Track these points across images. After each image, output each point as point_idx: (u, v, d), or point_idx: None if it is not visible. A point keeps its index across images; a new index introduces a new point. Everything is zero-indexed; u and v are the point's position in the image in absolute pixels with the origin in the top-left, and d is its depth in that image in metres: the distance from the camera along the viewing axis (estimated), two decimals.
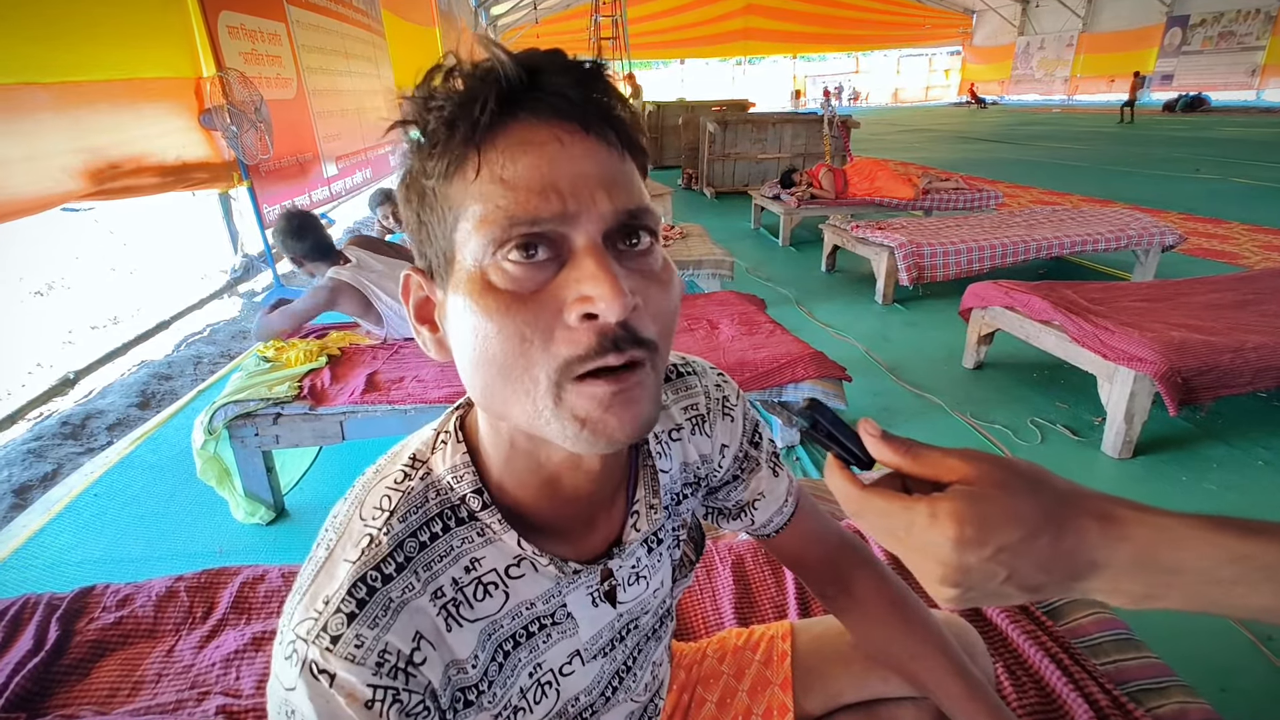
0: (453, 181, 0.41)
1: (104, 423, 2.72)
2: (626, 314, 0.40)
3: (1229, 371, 2.06)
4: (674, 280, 0.45)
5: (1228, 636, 1.47)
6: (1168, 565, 0.37)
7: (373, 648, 0.44)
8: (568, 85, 0.40)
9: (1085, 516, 0.39)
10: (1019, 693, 0.97)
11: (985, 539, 0.38)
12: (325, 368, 2.20)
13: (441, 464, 0.51)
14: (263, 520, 2.02)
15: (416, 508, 0.49)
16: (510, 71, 0.39)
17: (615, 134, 0.42)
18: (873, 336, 3.33)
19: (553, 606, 0.54)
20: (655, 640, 0.66)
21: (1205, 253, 4.63)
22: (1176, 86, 20.75)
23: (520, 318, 0.40)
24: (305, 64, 5.08)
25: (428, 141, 0.42)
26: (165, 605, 1.20)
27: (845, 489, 0.44)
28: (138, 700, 1.03)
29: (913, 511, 0.40)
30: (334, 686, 0.43)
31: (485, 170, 0.40)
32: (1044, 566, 0.39)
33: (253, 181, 4.13)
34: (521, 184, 0.39)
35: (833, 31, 29.16)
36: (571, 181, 0.40)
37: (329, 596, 0.45)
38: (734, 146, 7.39)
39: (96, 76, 3.27)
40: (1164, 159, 9.43)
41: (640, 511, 0.58)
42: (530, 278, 0.40)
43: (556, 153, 0.40)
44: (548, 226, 0.40)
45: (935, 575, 0.40)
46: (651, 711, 0.71)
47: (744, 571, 1.25)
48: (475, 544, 0.50)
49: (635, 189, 0.43)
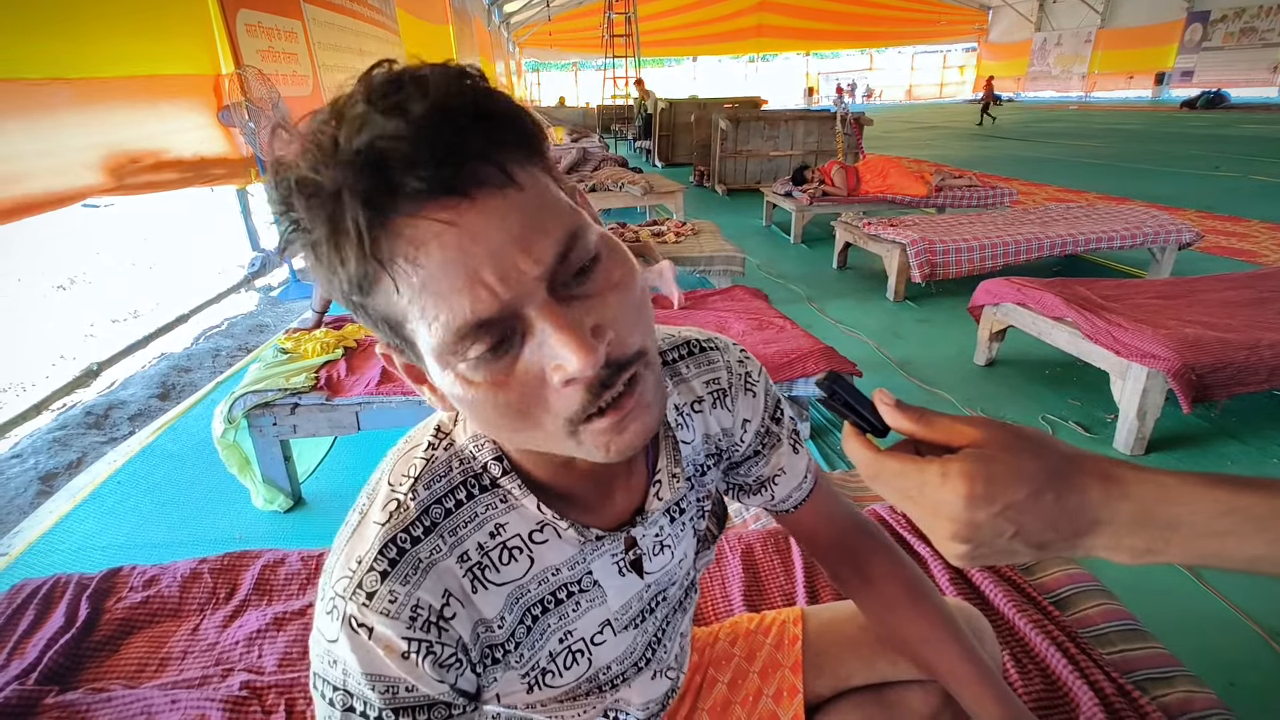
0: (374, 295, 0.40)
1: (126, 413, 2.78)
2: (601, 363, 0.39)
3: (1244, 369, 2.04)
4: (630, 273, 0.44)
5: (1237, 631, 1.47)
6: (1166, 520, 0.39)
7: (405, 603, 0.47)
8: (422, 175, 0.35)
9: (1088, 476, 0.41)
10: (1025, 681, 0.98)
11: (994, 496, 0.40)
12: (341, 359, 2.24)
13: (463, 434, 0.54)
14: (281, 508, 2.05)
15: (440, 476, 0.52)
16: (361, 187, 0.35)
17: (496, 168, 0.38)
18: (884, 333, 3.33)
19: (578, 574, 0.56)
20: (682, 612, 0.68)
21: (1223, 250, 4.58)
22: (1197, 83, 20.45)
23: (510, 397, 0.41)
24: (321, 61, 5.14)
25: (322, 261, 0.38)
26: (190, 586, 1.24)
27: (861, 453, 0.46)
28: (164, 675, 1.07)
29: (925, 471, 0.42)
30: (372, 639, 0.46)
31: (400, 283, 0.38)
32: (1049, 523, 0.41)
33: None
34: (444, 288, 0.37)
35: (846, 28, 28.97)
36: (490, 263, 0.37)
37: (362, 556, 0.48)
38: (746, 144, 7.37)
39: (118, 73, 3.33)
40: (1182, 156, 9.31)
41: (663, 480, 0.59)
42: (500, 366, 0.40)
43: (456, 238, 0.37)
44: (492, 321, 0.38)
45: (946, 532, 0.42)
46: (678, 685, 0.73)
47: (753, 560, 1.27)
48: (499, 510, 0.53)
49: (553, 219, 0.39)
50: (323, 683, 0.49)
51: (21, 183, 2.75)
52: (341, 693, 0.48)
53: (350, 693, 0.48)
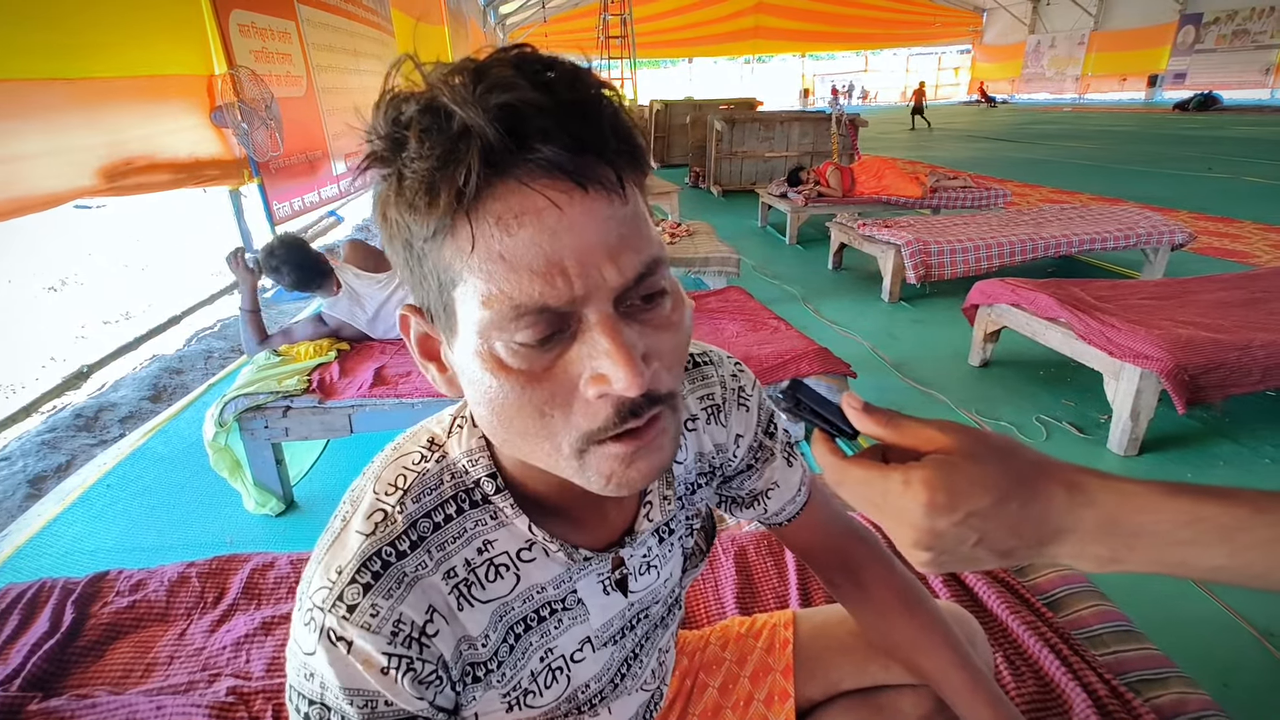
0: (443, 246, 0.39)
1: (116, 415, 2.76)
2: (644, 389, 0.38)
3: (1236, 369, 2.05)
4: (684, 315, 0.44)
5: (1231, 632, 1.47)
6: (1129, 529, 0.39)
7: (388, 617, 0.46)
8: (559, 144, 0.36)
9: (1053, 483, 0.41)
10: (1018, 682, 0.98)
11: (955, 504, 0.40)
12: (334, 362, 2.23)
13: (457, 447, 0.52)
14: (273, 511, 2.04)
15: (431, 489, 0.50)
16: (492, 137, 0.35)
17: (614, 172, 0.38)
18: (879, 334, 3.33)
19: (563, 592, 0.55)
20: (663, 628, 0.67)
21: (1216, 251, 4.59)
22: (1190, 85, 20.55)
23: (538, 394, 0.40)
24: (315, 62, 5.11)
25: (406, 197, 0.38)
26: (177, 590, 1.23)
27: (827, 460, 0.46)
28: (150, 681, 1.05)
29: (888, 479, 0.42)
30: (351, 653, 0.45)
31: (480, 243, 0.37)
32: (1013, 531, 0.40)
33: (263, 178, 4.17)
34: (522, 263, 0.37)
35: (842, 30, 29.04)
36: (577, 257, 0.37)
37: (342, 567, 0.47)
38: (741, 145, 7.38)
39: (111, 73, 3.31)
40: (1176, 158, 9.35)
41: (653, 502, 0.58)
42: (541, 357, 0.39)
43: (555, 222, 0.37)
44: (556, 311, 0.38)
45: (909, 539, 0.42)
46: (657, 698, 0.72)
47: (746, 562, 1.27)
48: (488, 526, 0.51)
49: (643, 238, 0.40)
50: (298, 696, 0.47)
51: (12, 183, 2.73)
52: (318, 706, 0.47)
53: (328, 706, 0.46)
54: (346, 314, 2.34)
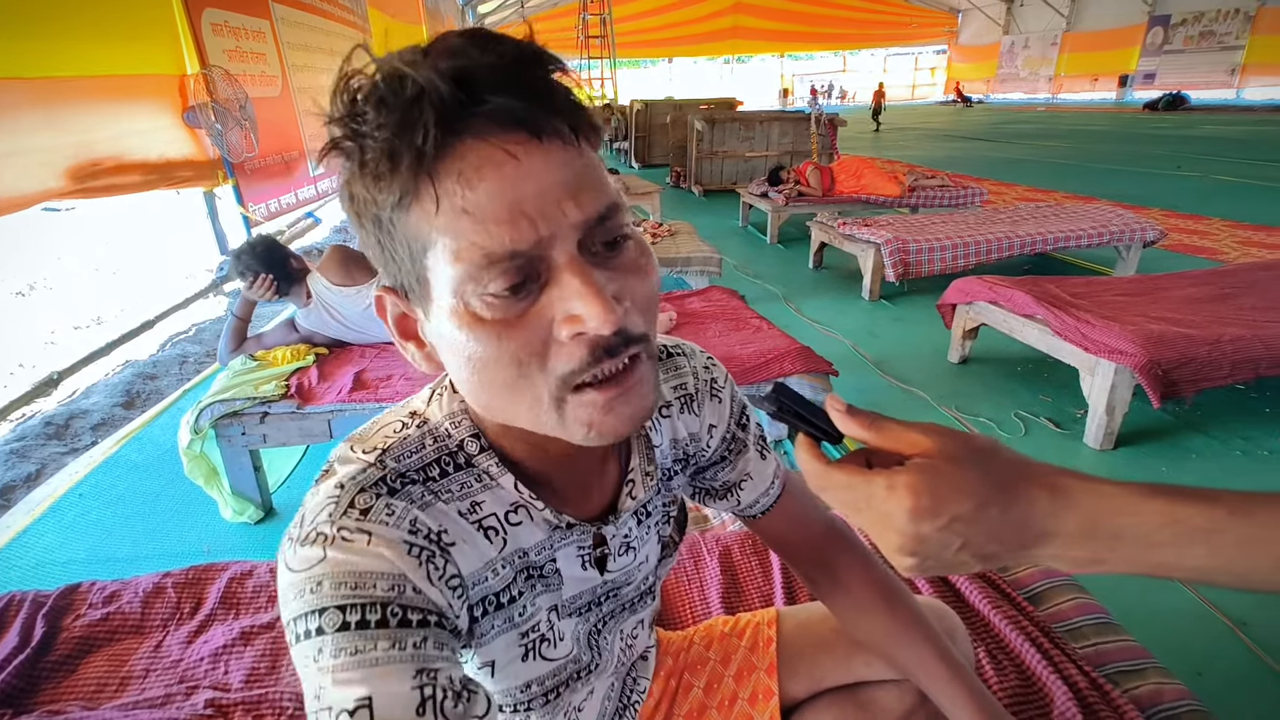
0: (410, 211, 0.39)
1: (88, 423, 2.70)
2: (618, 325, 0.40)
3: (1207, 363, 2.09)
4: (651, 264, 0.46)
5: (1205, 622, 1.50)
6: (1109, 531, 0.40)
7: (404, 516, 0.45)
8: (510, 95, 0.37)
9: (1035, 487, 0.41)
10: (999, 676, 0.99)
11: (939, 509, 0.40)
12: (313, 366, 2.19)
13: (438, 412, 0.52)
14: (251, 519, 2.01)
15: (413, 451, 0.50)
16: (445, 93, 0.36)
17: (568, 125, 0.40)
18: (859, 332, 3.36)
19: (544, 559, 0.55)
20: (631, 612, 0.67)
21: (1186, 248, 4.69)
22: (1159, 85, 20.98)
23: (514, 343, 0.40)
24: (290, 61, 5.05)
25: (369, 169, 0.39)
26: (152, 601, 1.20)
27: (810, 464, 0.46)
28: (125, 695, 1.03)
29: (871, 484, 0.42)
30: (373, 540, 0.42)
31: (445, 202, 0.38)
32: (996, 535, 0.41)
33: (238, 179, 4.11)
34: (487, 214, 0.38)
35: (820, 30, 29.26)
36: (537, 201, 0.38)
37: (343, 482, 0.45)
38: (722, 145, 7.40)
39: (78, 72, 3.24)
40: (1146, 156, 9.54)
41: (636, 480, 0.60)
42: (515, 305, 0.40)
43: (514, 172, 0.38)
44: (525, 256, 0.39)
45: (894, 544, 0.42)
46: (630, 688, 0.72)
47: (731, 562, 1.27)
48: (474, 488, 0.51)
49: (600, 184, 0.41)
50: (306, 618, 0.40)
51: None
52: (331, 611, 0.40)
53: (342, 606, 0.40)
54: (318, 324, 2.30)
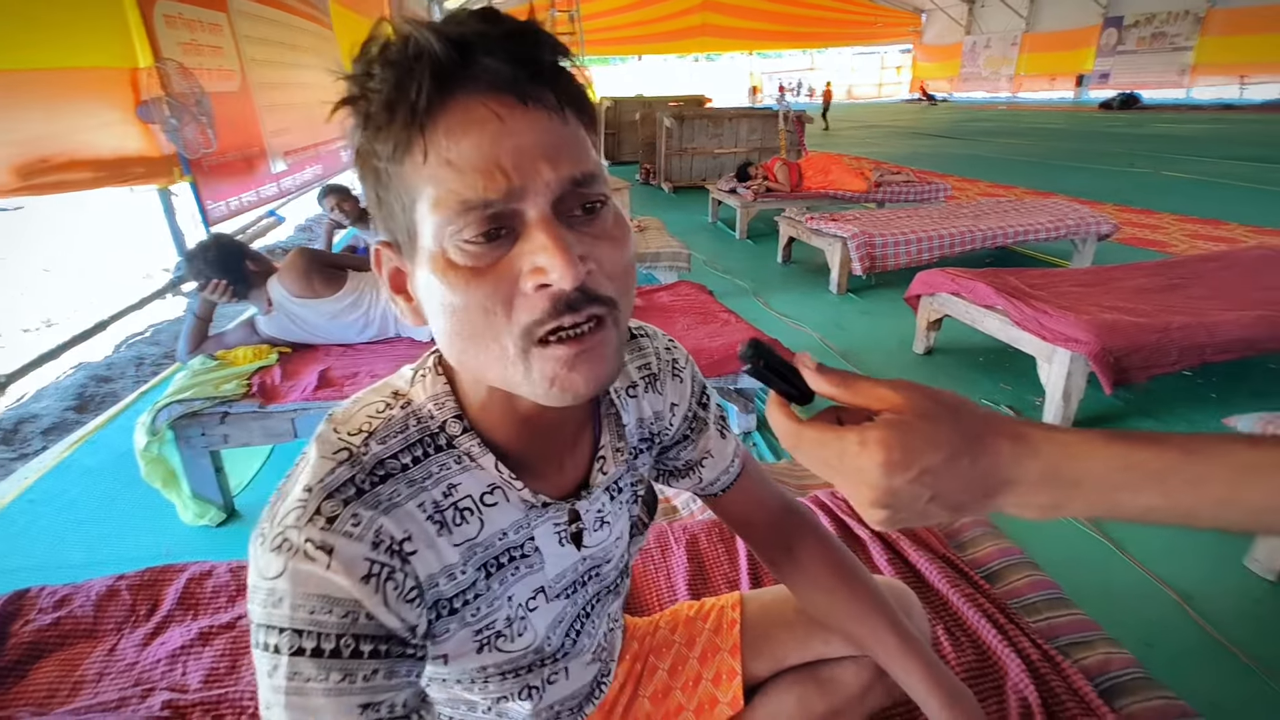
0: (403, 163, 0.42)
1: (38, 427, 2.61)
2: (579, 280, 0.42)
3: (1156, 350, 2.17)
4: (626, 236, 0.47)
5: (1155, 596, 1.55)
6: (1070, 477, 0.41)
7: (369, 526, 0.46)
8: (500, 59, 0.41)
9: (1000, 437, 0.42)
10: (957, 651, 1.02)
11: (910, 462, 0.41)
12: (276, 365, 2.15)
13: (422, 393, 0.53)
14: (212, 522, 1.96)
15: (396, 433, 0.51)
16: (440, 53, 0.40)
17: (554, 96, 0.43)
18: (828, 325, 3.41)
19: (522, 538, 0.56)
20: (613, 594, 0.68)
21: (1138, 241, 4.85)
22: (1113, 85, 21.63)
23: (482, 291, 0.42)
24: (249, 55, 4.92)
25: (372, 121, 0.43)
26: (106, 605, 1.17)
27: (783, 424, 0.46)
28: (78, 700, 1.00)
29: (844, 440, 0.43)
30: (333, 559, 0.44)
31: (432, 154, 0.41)
32: (964, 486, 0.42)
33: (195, 177, 3.99)
34: (468, 165, 0.41)
35: (788, 29, 29.49)
36: (515, 157, 0.41)
37: (312, 485, 0.46)
38: (691, 141, 7.43)
39: (22, 65, 3.11)
40: (1101, 153, 9.83)
41: (606, 455, 0.61)
42: (487, 254, 0.42)
43: (497, 130, 0.41)
44: (498, 206, 0.41)
45: (866, 499, 0.43)
46: (604, 671, 0.73)
47: (698, 550, 1.28)
48: (452, 470, 0.52)
49: (580, 152, 0.44)
50: (266, 630, 0.44)
51: None
52: (289, 633, 0.43)
53: (299, 630, 0.43)
54: (281, 330, 2.24)
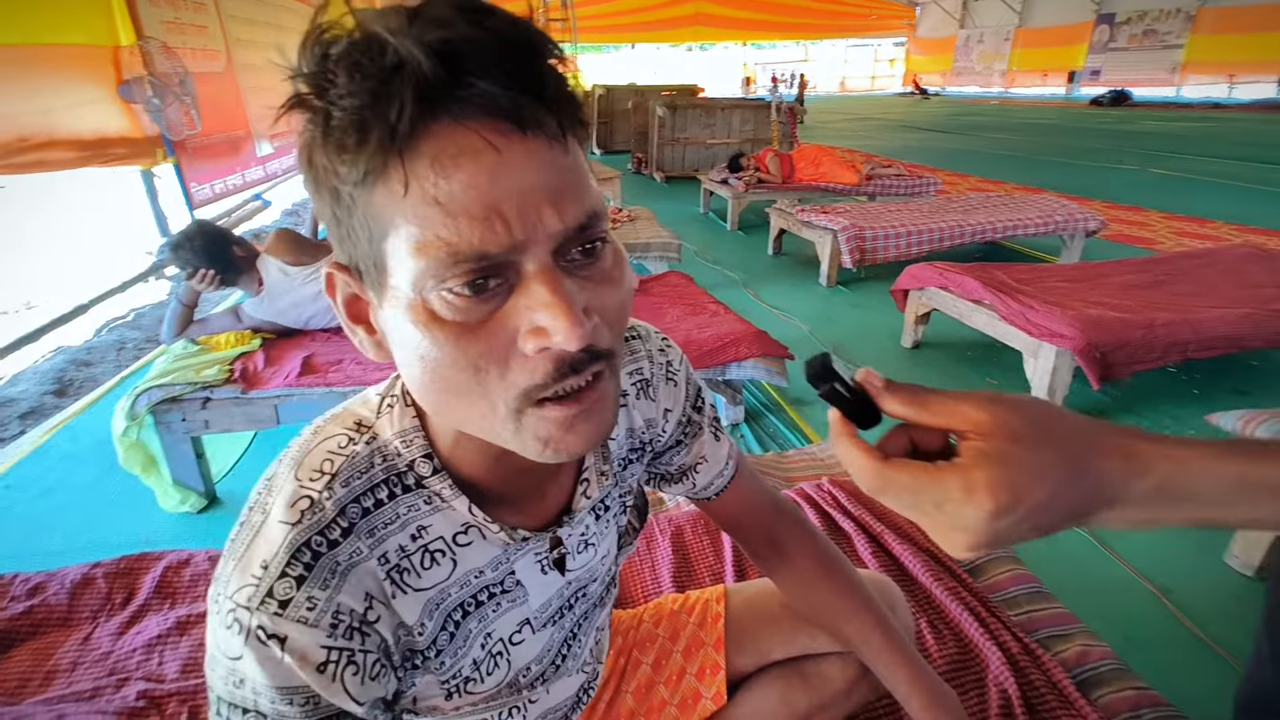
0: (374, 191, 0.36)
1: (15, 411, 2.56)
2: (586, 341, 0.37)
3: (1141, 346, 2.18)
4: (625, 273, 0.43)
5: (1134, 590, 1.57)
6: (1184, 495, 0.39)
7: (326, 609, 0.43)
8: (497, 81, 0.34)
9: (1108, 457, 0.39)
10: (940, 645, 1.02)
11: (1018, 504, 0.37)
12: (259, 350, 2.12)
13: (389, 428, 0.49)
14: (193, 508, 1.94)
15: (361, 473, 0.47)
16: (428, 70, 0.33)
17: (556, 120, 0.37)
18: (817, 317, 3.41)
19: (501, 574, 0.54)
20: (600, 607, 0.66)
21: (1125, 238, 4.88)
22: (1104, 81, 21.72)
23: (473, 349, 0.37)
24: (234, 35, 4.84)
25: (334, 138, 0.35)
26: (81, 593, 1.15)
27: (862, 462, 0.40)
28: (51, 689, 0.98)
29: (944, 487, 0.38)
30: (286, 650, 0.42)
31: (414, 186, 0.35)
32: (1066, 513, 0.39)
33: (179, 158, 3.93)
34: (459, 208, 0.35)
35: (782, 20, 29.35)
36: (517, 202, 0.35)
37: (268, 561, 0.43)
38: (683, 131, 7.39)
39: (4, 41, 3.04)
40: (1091, 150, 9.87)
41: (590, 479, 0.58)
42: (477, 308, 0.37)
43: (494, 165, 0.35)
44: (497, 259, 0.36)
45: (963, 544, 0.39)
46: (593, 678, 0.72)
47: (683, 542, 1.28)
48: (421, 512, 0.49)
49: (584, 189, 0.39)
50: (228, 708, 0.43)
51: None
52: (254, 715, 0.43)
53: (264, 714, 0.43)
54: (268, 314, 2.19)
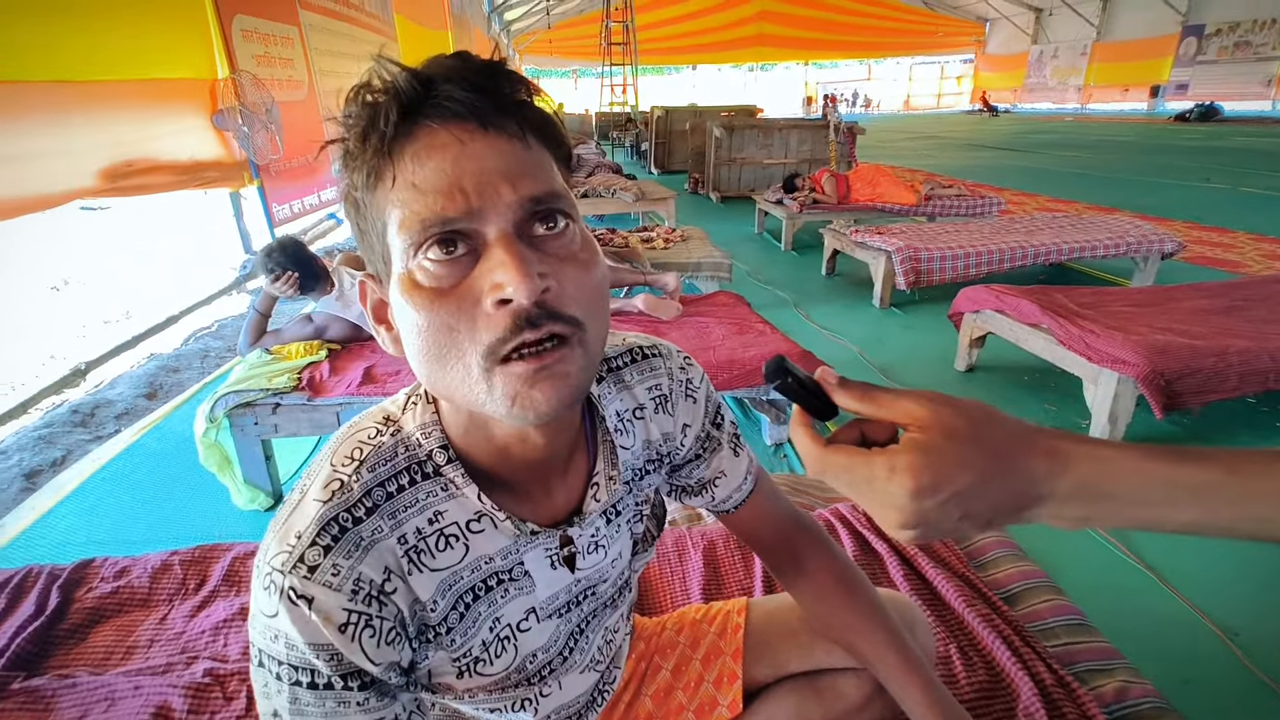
0: (375, 190, 0.45)
1: (112, 412, 2.80)
2: (535, 295, 0.43)
3: (1213, 375, 2.07)
4: (594, 259, 0.48)
5: (1194, 630, 1.49)
6: (1105, 492, 0.41)
7: (348, 576, 0.49)
8: (459, 89, 0.43)
9: (1032, 454, 0.42)
10: (969, 671, 1.01)
11: (939, 486, 0.41)
12: (325, 361, 2.26)
13: (411, 422, 0.56)
14: (261, 507, 2.08)
15: (385, 460, 0.54)
16: (404, 84, 0.43)
17: (516, 124, 0.46)
18: (868, 339, 3.36)
19: (510, 564, 0.58)
20: (611, 609, 0.69)
21: (1207, 261, 4.61)
22: (1192, 96, 20.59)
23: (445, 310, 0.44)
24: (317, 66, 5.19)
25: (349, 156, 0.46)
26: (160, 577, 1.26)
27: (807, 446, 0.46)
28: (130, 663, 1.09)
29: (871, 466, 0.43)
30: (313, 609, 0.47)
31: (399, 177, 0.44)
32: (995, 504, 0.42)
33: (262, 181, 4.23)
34: (430, 187, 0.43)
35: (845, 39, 29.18)
36: (475, 178, 0.43)
37: (301, 532, 0.49)
38: (740, 151, 7.43)
39: (117, 76, 3.37)
40: (1174, 168, 9.38)
41: (600, 484, 0.61)
42: (449, 273, 0.44)
43: (458, 153, 0.44)
44: (459, 224, 0.43)
45: (894, 521, 0.43)
46: (608, 679, 0.75)
47: (714, 556, 1.30)
48: (439, 498, 0.54)
49: (543, 175, 0.46)
50: (268, 659, 0.49)
51: (20, 182, 2.79)
52: (287, 667, 0.49)
53: (296, 666, 0.48)
54: (336, 309, 2.39)
